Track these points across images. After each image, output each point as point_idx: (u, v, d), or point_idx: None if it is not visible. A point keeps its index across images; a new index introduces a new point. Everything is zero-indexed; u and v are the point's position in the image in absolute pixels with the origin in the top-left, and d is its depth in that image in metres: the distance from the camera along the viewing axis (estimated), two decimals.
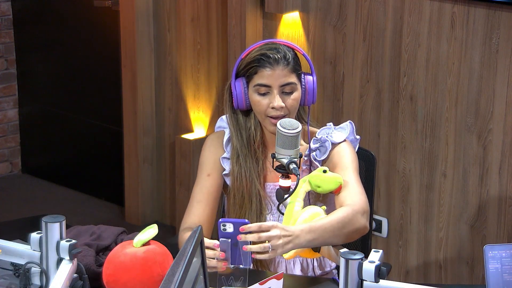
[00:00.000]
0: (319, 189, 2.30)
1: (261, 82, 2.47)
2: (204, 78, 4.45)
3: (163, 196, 4.78)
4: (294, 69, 2.48)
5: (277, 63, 2.46)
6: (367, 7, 3.72)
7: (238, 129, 2.56)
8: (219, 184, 2.60)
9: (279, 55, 2.46)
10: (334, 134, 2.54)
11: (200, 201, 2.57)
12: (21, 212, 4.78)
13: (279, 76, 2.46)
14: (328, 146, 2.51)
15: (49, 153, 5.39)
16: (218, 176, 2.60)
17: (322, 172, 2.31)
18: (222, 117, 2.66)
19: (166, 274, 1.63)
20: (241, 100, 2.51)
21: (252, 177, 2.53)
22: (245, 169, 2.53)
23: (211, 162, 2.60)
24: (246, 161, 2.53)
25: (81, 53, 5.04)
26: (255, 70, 2.48)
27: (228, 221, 2.18)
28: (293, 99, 2.49)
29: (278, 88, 2.47)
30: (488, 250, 2.17)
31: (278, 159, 2.34)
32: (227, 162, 2.58)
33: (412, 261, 3.75)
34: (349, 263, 1.98)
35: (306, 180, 2.31)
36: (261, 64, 2.46)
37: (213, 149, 2.61)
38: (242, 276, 2.20)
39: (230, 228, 2.18)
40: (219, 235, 2.20)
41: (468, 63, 3.47)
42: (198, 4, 4.37)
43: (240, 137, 2.55)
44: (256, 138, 2.54)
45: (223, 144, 2.59)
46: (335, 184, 2.31)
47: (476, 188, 3.53)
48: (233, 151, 2.56)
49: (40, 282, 2.14)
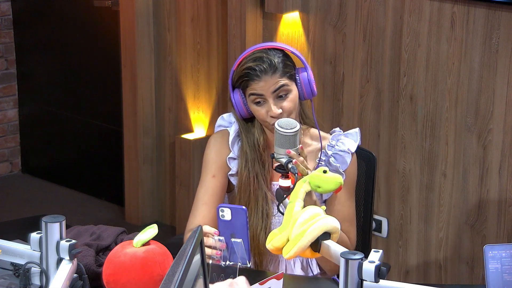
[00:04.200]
0: (319, 189, 2.30)
1: (254, 92, 2.49)
2: (204, 78, 4.45)
3: (163, 196, 4.78)
4: (283, 72, 2.48)
5: (264, 73, 2.46)
6: (367, 7, 3.72)
7: (247, 134, 2.57)
8: (223, 184, 2.60)
9: (264, 65, 2.47)
10: (347, 142, 2.59)
11: (205, 203, 2.56)
12: (21, 212, 4.78)
13: (269, 84, 2.47)
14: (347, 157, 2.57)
15: (49, 153, 5.39)
16: (223, 176, 2.59)
17: (322, 173, 2.31)
18: (223, 116, 2.66)
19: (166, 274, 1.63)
20: (242, 110, 2.53)
21: (259, 179, 2.54)
22: (253, 172, 2.54)
23: (216, 162, 2.60)
24: (254, 165, 2.54)
25: (81, 53, 5.04)
26: (246, 84, 2.50)
27: (226, 206, 2.20)
28: (289, 100, 2.49)
29: (272, 95, 2.48)
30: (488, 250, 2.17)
31: (277, 159, 2.34)
32: (233, 162, 2.58)
33: (412, 261, 3.75)
34: (349, 263, 1.98)
35: (306, 180, 2.31)
36: (250, 77, 2.48)
37: (218, 149, 2.61)
38: (232, 275, 2.21)
39: (228, 214, 2.19)
40: (218, 222, 2.21)
41: (468, 63, 3.47)
42: (198, 4, 4.38)
43: (247, 142, 2.56)
44: (261, 142, 2.55)
45: (228, 144, 2.59)
46: (335, 185, 2.31)
47: (476, 188, 3.53)
48: (242, 154, 2.56)
49: (40, 282, 2.14)
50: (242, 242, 2.20)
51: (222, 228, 2.22)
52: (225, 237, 2.22)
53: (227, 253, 2.22)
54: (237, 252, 2.21)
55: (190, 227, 2.56)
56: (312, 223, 2.14)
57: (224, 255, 2.22)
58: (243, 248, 2.20)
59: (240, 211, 2.20)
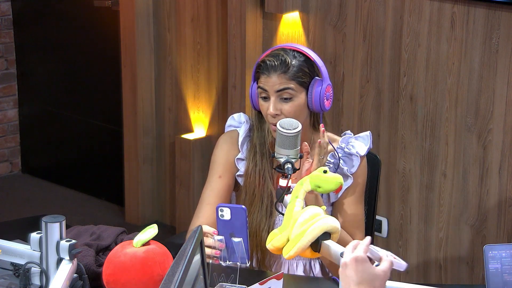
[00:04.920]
0: (320, 189, 2.30)
1: (261, 86, 2.49)
2: (204, 78, 4.45)
3: (163, 196, 4.78)
4: (294, 76, 2.45)
5: (273, 70, 2.46)
6: (367, 7, 3.72)
7: (259, 127, 2.57)
8: (230, 185, 2.59)
9: (277, 62, 2.45)
10: (357, 145, 2.56)
11: (210, 204, 2.55)
12: (21, 212, 4.78)
13: (274, 82, 2.46)
14: (356, 160, 2.55)
15: (49, 153, 5.39)
16: (230, 177, 2.58)
17: (323, 173, 2.31)
18: (233, 116, 2.66)
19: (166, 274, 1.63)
20: (255, 102, 2.54)
21: (265, 176, 2.53)
22: (260, 167, 2.53)
23: (224, 163, 2.59)
24: (262, 160, 2.53)
25: (81, 53, 5.04)
26: (258, 76, 2.50)
27: (225, 206, 2.19)
28: (292, 105, 2.47)
29: (274, 94, 2.47)
30: (488, 250, 2.17)
31: (277, 158, 2.34)
32: (241, 163, 2.57)
33: (412, 261, 3.75)
34: None
35: (307, 180, 2.31)
36: (261, 70, 2.49)
37: (227, 149, 2.60)
38: (233, 274, 2.21)
39: (228, 214, 2.19)
40: (217, 222, 2.21)
41: (468, 63, 3.47)
42: (198, 4, 4.38)
43: (259, 135, 2.55)
44: (269, 139, 2.55)
45: (238, 144, 2.58)
46: (335, 185, 2.31)
47: (476, 188, 3.53)
48: (251, 147, 2.55)
49: (40, 282, 2.14)
50: (242, 241, 2.20)
51: (221, 228, 2.22)
52: (225, 237, 2.22)
53: (226, 253, 2.22)
54: (236, 252, 2.21)
55: (192, 227, 2.56)
56: (312, 223, 2.14)
57: (223, 255, 2.22)
58: (243, 247, 2.20)
59: (240, 211, 2.20)
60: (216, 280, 2.21)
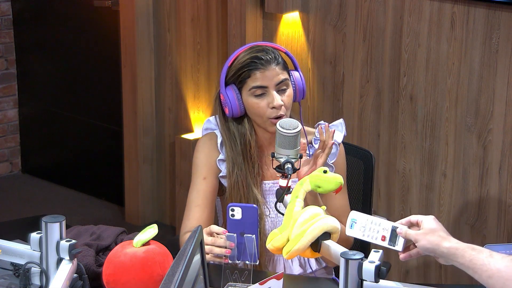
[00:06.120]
0: (320, 189, 2.30)
1: (257, 84, 2.48)
2: (204, 78, 4.45)
3: (163, 196, 4.78)
4: (284, 67, 2.52)
5: (269, 63, 2.48)
6: (367, 7, 3.72)
7: (232, 138, 2.55)
8: (215, 186, 2.60)
9: (269, 55, 2.49)
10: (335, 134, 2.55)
11: (198, 205, 2.56)
12: (21, 212, 4.78)
13: (273, 75, 2.48)
14: (334, 148, 2.56)
15: (49, 153, 5.39)
16: (213, 178, 2.59)
17: (323, 173, 2.31)
18: (209, 119, 2.65)
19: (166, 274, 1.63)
20: (236, 107, 2.51)
21: (249, 183, 2.53)
22: (242, 178, 2.53)
23: (206, 165, 2.59)
24: (242, 169, 2.53)
25: (81, 53, 5.04)
26: (248, 74, 2.49)
27: (236, 205, 2.21)
28: (288, 96, 2.51)
29: (275, 87, 2.49)
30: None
31: (277, 158, 2.34)
32: (223, 164, 2.57)
33: (412, 261, 3.75)
34: (349, 263, 1.98)
35: (307, 180, 2.31)
36: (254, 67, 2.48)
37: (207, 151, 2.60)
38: (247, 271, 2.22)
39: (239, 213, 2.20)
40: (227, 221, 2.22)
41: (468, 63, 3.47)
42: (198, 4, 4.38)
43: (234, 146, 2.54)
44: (252, 143, 2.54)
45: (217, 146, 2.58)
46: (336, 185, 2.31)
47: (476, 188, 3.53)
48: (228, 159, 2.55)
49: (40, 282, 2.14)
50: (254, 238, 2.21)
51: (232, 227, 2.22)
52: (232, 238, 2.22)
53: (236, 252, 2.22)
54: (248, 250, 2.22)
55: (184, 230, 2.57)
56: (312, 223, 2.14)
57: (233, 254, 2.23)
58: (255, 245, 2.21)
59: (252, 209, 2.21)
60: (230, 278, 2.22)
